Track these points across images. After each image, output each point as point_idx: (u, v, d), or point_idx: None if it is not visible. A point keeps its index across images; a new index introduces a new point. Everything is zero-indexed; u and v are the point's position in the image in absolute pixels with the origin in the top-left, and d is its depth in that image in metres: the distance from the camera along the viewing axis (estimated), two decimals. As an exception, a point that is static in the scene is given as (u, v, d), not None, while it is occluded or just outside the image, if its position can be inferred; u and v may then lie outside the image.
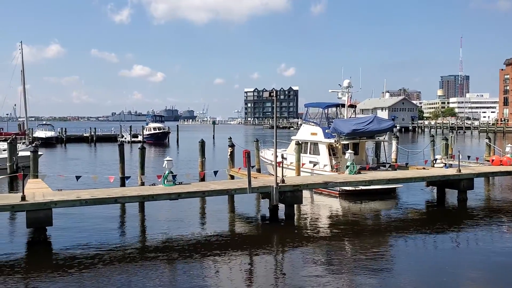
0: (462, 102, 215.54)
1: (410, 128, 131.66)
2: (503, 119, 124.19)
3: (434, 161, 29.11)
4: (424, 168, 24.94)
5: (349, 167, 22.32)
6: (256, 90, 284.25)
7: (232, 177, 25.21)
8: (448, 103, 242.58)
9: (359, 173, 22.30)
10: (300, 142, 26.25)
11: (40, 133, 71.81)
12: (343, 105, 28.14)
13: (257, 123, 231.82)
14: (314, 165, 25.44)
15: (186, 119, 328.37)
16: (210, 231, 16.81)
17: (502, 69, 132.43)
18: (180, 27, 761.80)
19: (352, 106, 29.16)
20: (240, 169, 24.48)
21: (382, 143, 27.37)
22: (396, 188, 23.79)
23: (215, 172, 21.17)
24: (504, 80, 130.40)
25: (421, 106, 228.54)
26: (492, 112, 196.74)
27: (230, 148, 27.17)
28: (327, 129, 25.81)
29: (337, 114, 28.59)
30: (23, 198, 14.82)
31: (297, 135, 28.59)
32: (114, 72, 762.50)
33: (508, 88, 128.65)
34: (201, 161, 29.04)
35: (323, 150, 25.56)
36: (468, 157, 29.74)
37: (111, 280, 11.64)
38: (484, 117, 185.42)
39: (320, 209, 21.28)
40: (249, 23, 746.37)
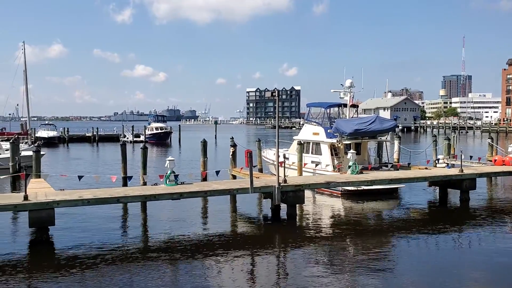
0: (465, 102, 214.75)
1: (412, 128, 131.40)
2: (505, 119, 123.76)
3: (436, 161, 29.05)
4: (426, 168, 24.92)
5: (351, 167, 22.31)
6: (258, 90, 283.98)
7: (234, 177, 25.22)
8: (450, 103, 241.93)
9: (361, 173, 22.30)
10: (302, 142, 26.24)
11: (43, 133, 72.06)
12: (345, 105, 28.14)
13: (259, 123, 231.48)
14: (316, 165, 25.42)
15: (188, 119, 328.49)
16: (212, 231, 16.82)
17: (504, 69, 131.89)
18: (182, 27, 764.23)
19: (354, 106, 29.17)
20: (242, 169, 24.50)
21: (384, 143, 27.36)
22: (398, 188, 23.76)
23: (217, 172, 21.17)
24: (507, 80, 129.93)
25: (424, 106, 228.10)
26: (494, 112, 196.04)
27: (232, 148, 27.17)
28: (329, 129, 25.79)
29: (339, 114, 28.58)
30: (26, 197, 14.85)
31: (299, 135, 28.58)
32: (116, 72, 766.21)
33: (510, 88, 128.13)
34: (203, 161, 29.05)
35: (325, 150, 25.54)
36: (471, 157, 29.68)
37: (113, 280, 11.66)
38: (486, 117, 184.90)
39: (322, 209, 21.27)
40: (251, 23, 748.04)
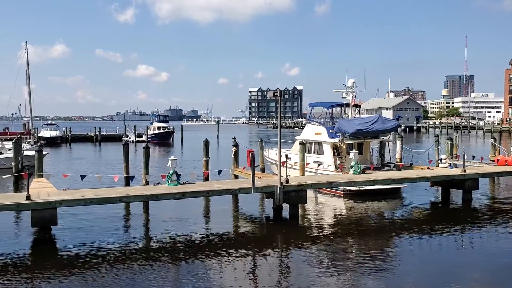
0: (467, 102, 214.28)
1: (415, 128, 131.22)
2: (508, 119, 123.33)
3: (438, 161, 29.00)
4: (428, 168, 24.88)
5: (353, 167, 22.29)
6: (260, 90, 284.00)
7: (236, 176, 25.23)
8: (453, 102, 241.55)
9: (364, 173, 22.27)
10: (304, 142, 26.21)
11: (45, 133, 72.23)
12: (347, 105, 28.10)
13: (261, 122, 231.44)
14: (318, 165, 25.39)
15: (190, 119, 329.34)
16: (214, 230, 16.83)
17: (507, 69, 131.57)
18: (185, 27, 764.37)
19: (357, 105, 29.14)
20: (244, 169, 24.50)
21: (386, 143, 27.33)
22: (400, 188, 23.73)
23: (219, 172, 21.18)
24: (510, 79, 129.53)
25: (426, 106, 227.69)
26: (497, 112, 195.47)
27: (234, 148, 27.17)
28: (331, 129, 25.77)
29: (342, 113, 28.54)
30: (28, 197, 14.88)
31: (301, 135, 28.55)
32: (119, 72, 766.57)
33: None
34: (205, 161, 29.04)
35: (327, 150, 25.52)
36: (473, 157, 29.58)
37: (115, 280, 11.67)
38: (489, 117, 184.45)
39: (324, 209, 21.25)
40: (254, 23, 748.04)
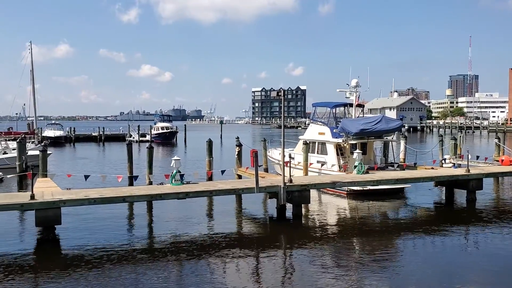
0: (471, 102, 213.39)
1: (419, 127, 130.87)
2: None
3: (442, 161, 28.92)
4: (432, 168, 24.82)
5: (357, 167, 22.26)
6: (264, 90, 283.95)
7: (239, 176, 25.23)
8: (457, 102, 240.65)
9: (367, 173, 22.24)
10: (308, 142, 26.20)
11: (49, 133, 72.59)
12: (351, 105, 28.07)
13: (264, 122, 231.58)
14: (321, 164, 25.37)
15: (193, 119, 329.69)
16: (218, 230, 16.83)
17: (511, 68, 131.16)
18: (188, 27, 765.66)
19: (360, 105, 29.09)
20: (247, 169, 24.51)
21: (390, 143, 27.27)
22: (404, 188, 23.68)
23: (223, 172, 21.19)
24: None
25: (430, 106, 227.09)
26: (501, 111, 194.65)
27: (237, 148, 27.20)
28: (335, 129, 25.74)
29: (345, 113, 28.51)
30: (32, 197, 14.93)
31: (305, 135, 28.54)
32: (123, 72, 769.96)
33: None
34: (209, 161, 29.08)
35: (331, 149, 25.49)
36: (477, 157, 29.51)
37: (119, 279, 11.69)
38: (493, 116, 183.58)
39: (328, 209, 21.23)
40: (257, 23, 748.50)
